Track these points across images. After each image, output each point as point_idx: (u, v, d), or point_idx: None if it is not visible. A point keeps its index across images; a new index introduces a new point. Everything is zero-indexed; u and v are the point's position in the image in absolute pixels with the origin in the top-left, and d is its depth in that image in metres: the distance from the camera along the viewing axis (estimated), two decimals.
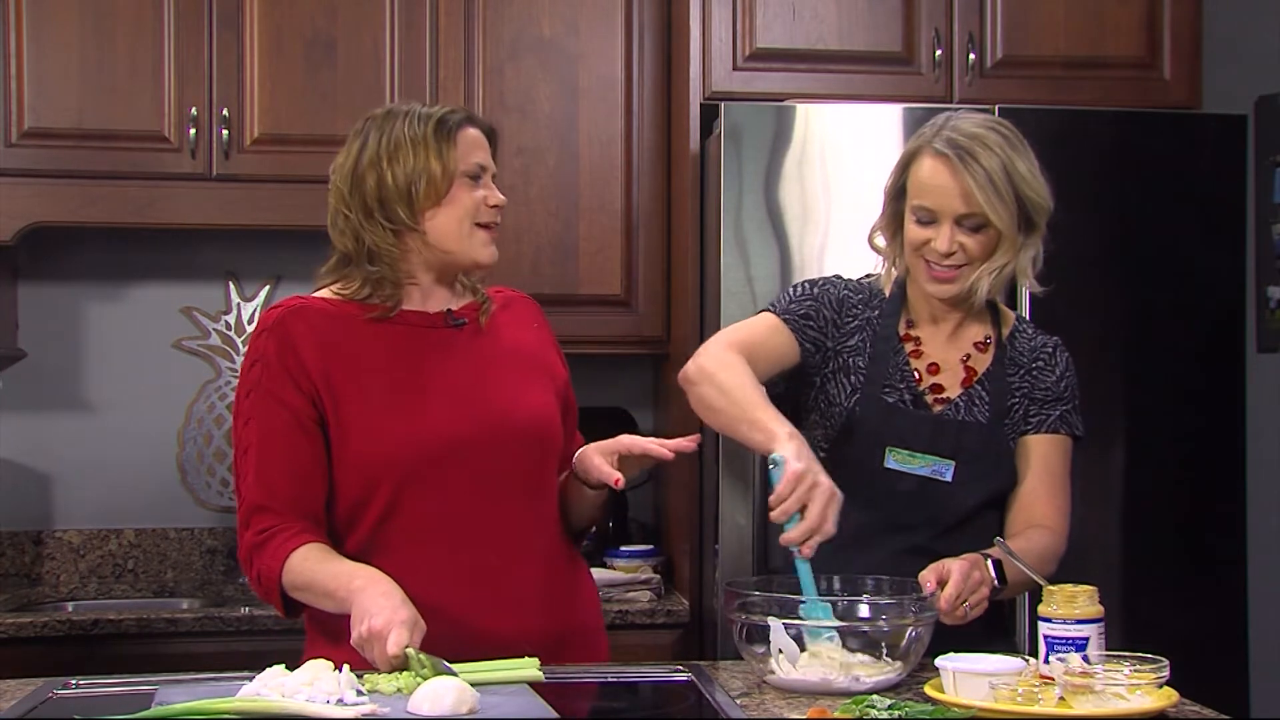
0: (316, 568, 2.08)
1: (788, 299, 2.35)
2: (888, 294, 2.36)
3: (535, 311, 2.38)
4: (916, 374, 2.31)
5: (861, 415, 2.29)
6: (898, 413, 2.28)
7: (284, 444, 2.14)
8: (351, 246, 2.21)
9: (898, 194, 2.31)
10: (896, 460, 2.27)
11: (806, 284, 2.37)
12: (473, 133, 2.22)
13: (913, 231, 2.27)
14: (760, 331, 2.33)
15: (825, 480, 2.03)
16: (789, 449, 2.05)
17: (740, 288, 3.20)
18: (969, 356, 2.33)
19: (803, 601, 2.03)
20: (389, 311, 2.21)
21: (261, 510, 2.13)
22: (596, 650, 2.28)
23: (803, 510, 2.02)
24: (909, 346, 2.33)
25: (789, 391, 2.38)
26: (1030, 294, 3.15)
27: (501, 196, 2.24)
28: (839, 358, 2.33)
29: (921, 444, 2.27)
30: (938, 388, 2.31)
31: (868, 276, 2.41)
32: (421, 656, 1.92)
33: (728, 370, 2.21)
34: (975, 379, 2.31)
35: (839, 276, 2.41)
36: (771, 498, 2.03)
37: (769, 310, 2.35)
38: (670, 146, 3.63)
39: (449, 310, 2.25)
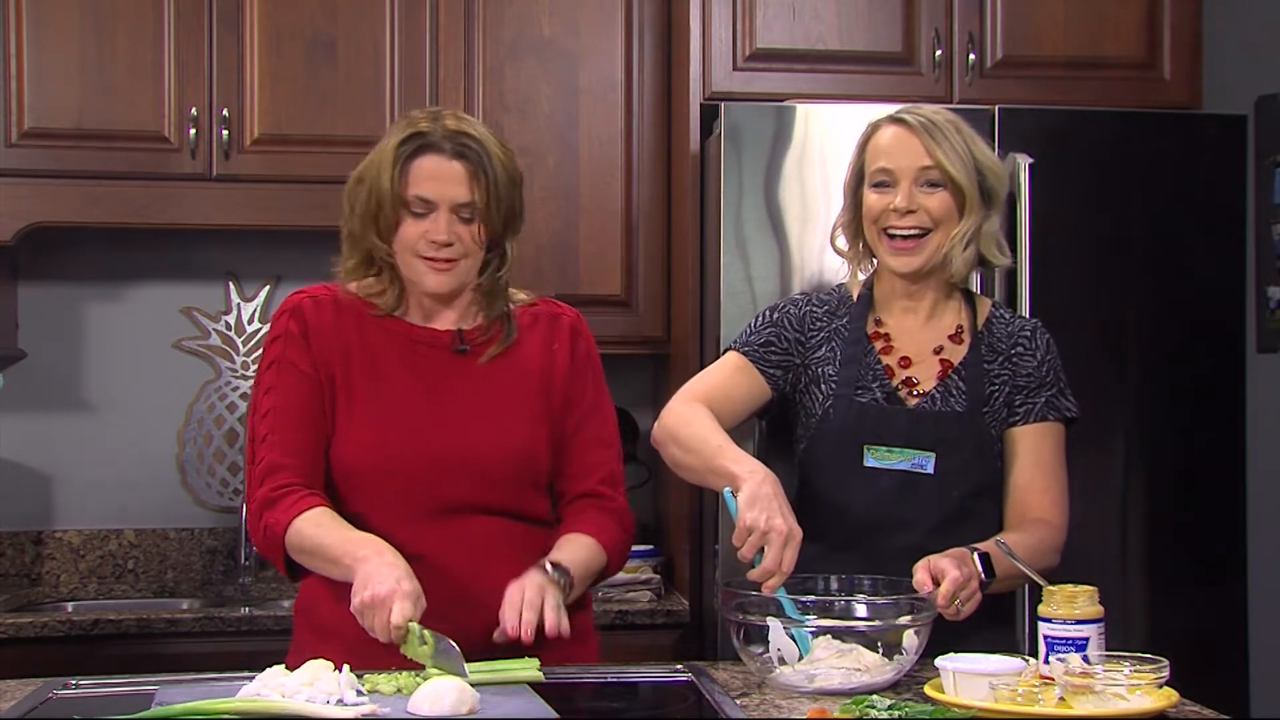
0: (324, 533, 2.09)
1: (748, 332, 2.39)
2: (855, 297, 2.37)
3: (563, 330, 2.32)
4: (888, 370, 2.31)
5: (836, 418, 2.29)
6: (871, 410, 2.28)
7: (304, 413, 2.19)
8: (358, 237, 2.24)
9: (857, 181, 2.34)
10: (875, 458, 2.27)
11: (766, 311, 2.40)
12: (433, 161, 2.17)
13: (871, 200, 2.29)
14: (724, 375, 2.36)
15: (779, 522, 2.04)
16: (743, 492, 2.08)
17: (740, 288, 3.20)
18: (942, 349, 2.33)
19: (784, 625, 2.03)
20: (390, 310, 2.24)
21: (279, 469, 2.15)
22: (580, 655, 2.25)
23: (763, 550, 2.05)
24: (879, 344, 2.33)
25: (775, 413, 2.41)
26: (1030, 291, 3.18)
27: (444, 234, 2.16)
28: (809, 370, 2.34)
29: (899, 438, 2.27)
30: (911, 381, 2.31)
31: (839, 286, 2.42)
32: (425, 633, 1.93)
33: (687, 425, 2.26)
34: (950, 369, 2.31)
35: (803, 294, 2.45)
36: (734, 538, 2.07)
37: (731, 348, 2.38)
38: (670, 146, 3.63)
39: (460, 331, 2.25)
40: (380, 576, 1.97)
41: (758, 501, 2.06)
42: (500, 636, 2.03)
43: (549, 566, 2.12)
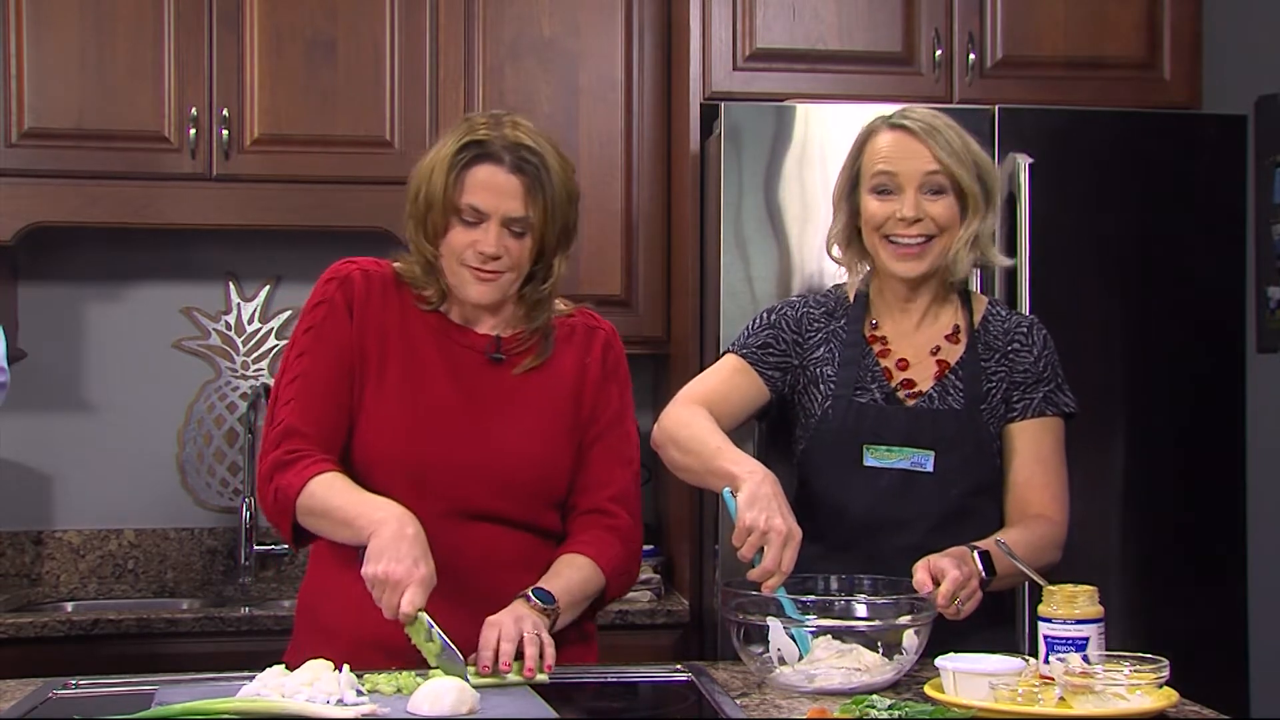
0: (336, 495, 2.08)
1: (746, 334, 2.39)
2: (852, 298, 2.37)
3: (597, 344, 2.29)
4: (886, 372, 2.31)
5: (835, 418, 2.29)
6: (870, 410, 2.28)
7: (330, 386, 2.17)
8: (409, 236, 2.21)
9: (851, 188, 2.32)
10: (875, 457, 2.27)
11: (764, 314, 2.40)
12: (489, 172, 2.12)
13: (872, 208, 2.27)
14: (722, 376, 2.37)
15: (779, 522, 2.05)
16: (743, 492, 2.08)
17: (740, 288, 3.20)
18: (938, 349, 2.33)
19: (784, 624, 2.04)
20: (433, 306, 2.21)
21: (295, 434, 2.14)
22: (581, 659, 2.24)
23: (763, 550, 2.05)
24: (876, 347, 2.33)
25: (774, 415, 2.41)
26: (1030, 292, 3.18)
27: (493, 247, 2.12)
28: (808, 371, 2.34)
29: (898, 437, 2.27)
30: (909, 383, 2.31)
31: (837, 287, 2.42)
32: (435, 630, 1.93)
33: (686, 427, 2.26)
34: (947, 370, 2.31)
35: (800, 295, 2.45)
36: (733, 538, 2.08)
37: (730, 350, 2.39)
38: (670, 146, 3.63)
39: (497, 339, 2.22)
40: (397, 554, 1.95)
41: (757, 501, 2.06)
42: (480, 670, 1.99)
43: (531, 595, 2.08)
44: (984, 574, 2.10)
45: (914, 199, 2.24)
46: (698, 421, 2.26)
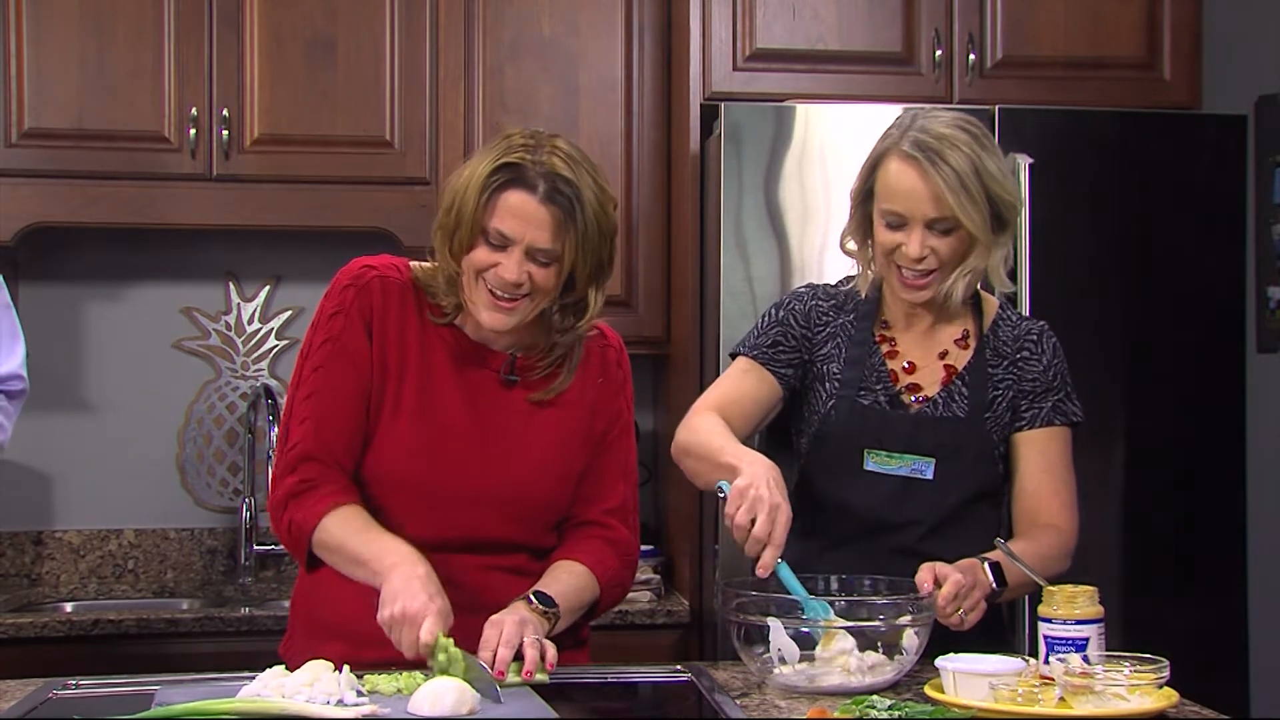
0: (353, 534, 2.06)
1: (755, 334, 2.37)
2: (864, 295, 2.35)
3: (610, 363, 2.27)
4: (893, 374, 2.30)
5: (838, 419, 2.28)
6: (873, 414, 2.27)
7: (347, 404, 2.12)
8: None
9: (865, 197, 2.28)
10: (875, 462, 2.27)
11: (772, 309, 2.38)
12: (520, 199, 2.04)
13: (883, 235, 2.24)
14: (733, 382, 2.35)
15: (766, 492, 2.03)
16: (740, 475, 2.06)
17: (740, 288, 3.20)
18: (946, 353, 2.32)
19: (797, 603, 2.03)
20: (449, 319, 2.16)
21: (310, 459, 2.11)
22: (574, 661, 2.22)
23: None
24: (884, 348, 2.32)
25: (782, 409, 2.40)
26: (1031, 292, 3.18)
27: (515, 276, 2.04)
28: (815, 366, 2.33)
29: (899, 444, 2.26)
30: (915, 387, 2.30)
31: (848, 279, 2.39)
32: (455, 651, 1.92)
33: (695, 434, 2.26)
34: (954, 375, 2.30)
35: (810, 285, 2.41)
36: (725, 510, 2.06)
37: (740, 353, 2.36)
38: (670, 146, 3.63)
39: (513, 359, 2.18)
40: (410, 592, 1.94)
41: (747, 475, 2.06)
42: None
43: (533, 598, 2.07)
44: (994, 585, 2.10)
45: (920, 237, 2.20)
46: (706, 426, 2.25)
